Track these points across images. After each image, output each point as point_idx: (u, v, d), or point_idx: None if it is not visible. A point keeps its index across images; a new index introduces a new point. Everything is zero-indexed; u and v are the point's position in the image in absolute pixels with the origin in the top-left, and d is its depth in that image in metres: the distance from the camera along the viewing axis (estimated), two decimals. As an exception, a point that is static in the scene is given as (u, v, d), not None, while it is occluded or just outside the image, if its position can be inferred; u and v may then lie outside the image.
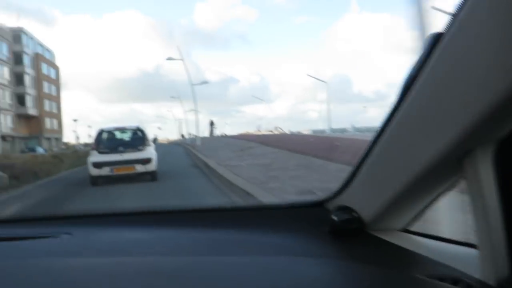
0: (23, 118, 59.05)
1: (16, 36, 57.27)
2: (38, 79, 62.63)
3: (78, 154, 26.23)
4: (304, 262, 0.98)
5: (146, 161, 11.30)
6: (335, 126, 49.35)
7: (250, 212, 1.52)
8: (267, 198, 6.66)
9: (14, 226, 1.45)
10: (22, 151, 42.50)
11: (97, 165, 11.11)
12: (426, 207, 1.02)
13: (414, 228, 1.10)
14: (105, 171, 11.10)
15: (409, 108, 0.82)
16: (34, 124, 61.42)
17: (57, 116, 71.44)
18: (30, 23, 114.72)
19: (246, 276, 0.91)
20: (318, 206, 1.27)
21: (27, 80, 59.02)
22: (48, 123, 66.50)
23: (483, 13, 0.61)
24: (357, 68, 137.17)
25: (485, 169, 0.73)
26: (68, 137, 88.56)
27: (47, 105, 66.35)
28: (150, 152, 11.61)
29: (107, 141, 11.99)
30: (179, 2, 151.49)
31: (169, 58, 28.96)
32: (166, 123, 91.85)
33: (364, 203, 1.09)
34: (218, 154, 17.02)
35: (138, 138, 11.96)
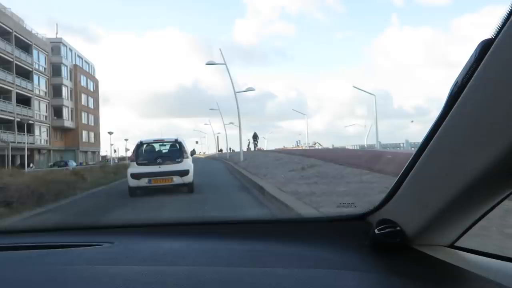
0: (59, 130, 57.83)
1: (55, 47, 56.40)
2: (76, 91, 61.53)
3: (105, 169, 22.95)
4: (345, 275, 0.97)
5: (184, 173, 11.22)
6: (375, 141, 46.24)
7: (291, 224, 1.54)
8: None
9: (59, 234, 1.52)
10: (53, 165, 40.32)
11: (136, 176, 11.13)
12: (475, 222, 0.97)
13: (461, 244, 1.06)
14: (143, 182, 11.10)
15: (457, 118, 0.78)
16: (70, 137, 60.15)
17: (95, 129, 70.17)
18: (75, 41, 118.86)
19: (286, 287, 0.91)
20: (359, 219, 1.27)
21: (65, 92, 57.91)
22: (85, 136, 65.22)
23: None
24: (397, 83, 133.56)
25: None
26: (108, 151, 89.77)
27: (85, 117, 65.14)
28: (187, 164, 11.53)
29: (146, 153, 11.95)
30: (219, 19, 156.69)
31: (209, 63, 26.37)
32: (204, 137, 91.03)
33: (408, 217, 1.06)
34: (271, 173, 13.23)
35: (176, 151, 11.88)
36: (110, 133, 54.38)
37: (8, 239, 1.47)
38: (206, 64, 25.94)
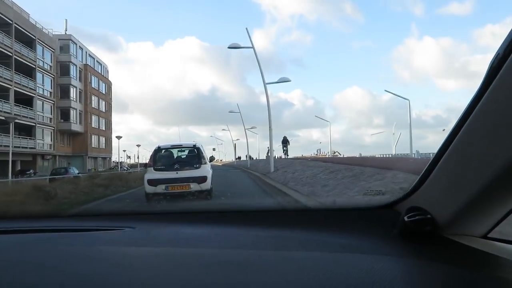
0: (66, 134, 53.40)
1: (64, 45, 52.21)
2: (86, 93, 57.15)
3: (95, 180, 17.71)
4: (371, 259, 0.96)
5: (201, 179, 10.80)
6: (397, 151, 43.19)
7: (317, 213, 1.50)
8: None
9: (84, 219, 1.62)
10: (53, 173, 35.49)
11: (153, 182, 10.74)
12: (508, 213, 0.94)
13: (495, 235, 1.02)
14: (160, 188, 10.65)
15: (490, 101, 0.75)
16: (79, 141, 55.61)
17: (106, 134, 65.48)
18: (96, 49, 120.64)
19: (312, 270, 0.91)
20: (387, 207, 1.25)
21: (73, 93, 53.52)
22: (95, 141, 60.64)
23: None
24: (416, 93, 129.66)
25: None
26: (122, 157, 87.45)
27: (95, 121, 60.63)
28: (205, 170, 11.11)
29: (163, 158, 11.52)
30: (237, 28, 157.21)
31: (232, 46, 21.76)
32: (221, 144, 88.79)
33: (439, 204, 1.02)
34: (342, 194, 7.77)
35: (194, 156, 11.47)
36: (119, 137, 49.48)
37: (32, 223, 1.51)
38: (229, 47, 21.96)
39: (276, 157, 66.88)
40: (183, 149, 12.36)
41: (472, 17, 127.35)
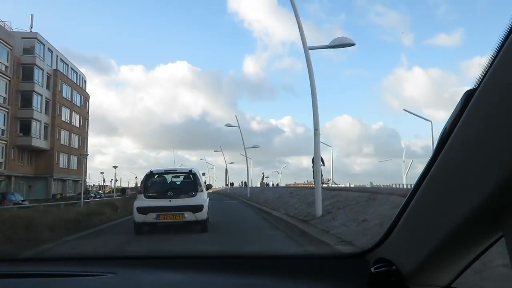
0: (27, 151, 44.15)
1: (30, 46, 43.66)
2: (54, 103, 47.97)
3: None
4: None
5: (197, 208, 10.06)
6: (383, 181, 44.56)
7: (288, 260, 1.54)
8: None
9: (64, 263, 1.56)
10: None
11: (143, 210, 9.93)
12: (471, 262, 0.97)
13: (458, 285, 1.04)
14: (151, 217, 9.89)
15: (446, 160, 0.83)
16: (42, 160, 45.94)
17: (80, 153, 55.30)
18: (86, 71, 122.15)
19: None
20: (357, 257, 1.29)
21: (37, 102, 44.45)
22: (64, 160, 50.89)
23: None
24: (406, 123, 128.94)
25: None
26: (104, 181, 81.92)
27: (64, 137, 51.03)
28: (201, 198, 10.37)
29: (155, 184, 10.67)
30: (228, 54, 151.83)
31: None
32: (212, 168, 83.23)
33: (404, 255, 1.07)
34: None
35: (190, 183, 10.66)
36: (84, 155, 40.41)
37: (9, 267, 1.50)
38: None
39: (272, 185, 61.15)
40: (177, 174, 11.47)
41: (460, 49, 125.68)
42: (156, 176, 10.93)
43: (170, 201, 10.04)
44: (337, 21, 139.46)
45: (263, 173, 67.94)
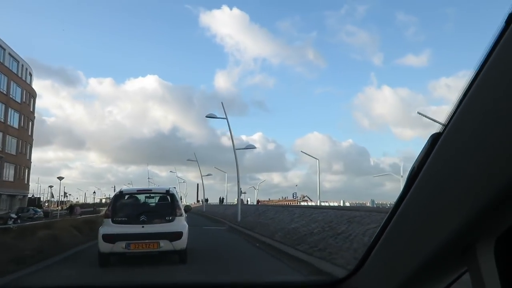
0: None
1: None
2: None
3: None
4: None
5: (175, 236, 8.49)
6: (354, 199, 44.15)
7: None
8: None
9: None
10: None
11: (109, 238, 8.32)
12: None
13: None
14: (119, 247, 8.30)
15: (414, 199, 0.88)
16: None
17: (19, 161, 46.71)
18: (52, 83, 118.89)
19: None
20: (333, 286, 1.32)
21: None
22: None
23: (477, 114, 0.66)
24: (375, 140, 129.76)
25: (487, 263, 0.75)
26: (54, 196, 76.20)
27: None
28: (180, 224, 8.79)
29: (126, 207, 9.03)
30: (200, 68, 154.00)
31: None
32: (183, 182, 77.47)
33: (376, 286, 1.09)
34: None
35: (167, 205, 9.12)
36: (60, 178, 34.53)
37: None
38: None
39: (249, 202, 56.39)
40: (152, 195, 9.97)
41: (427, 70, 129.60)
42: (126, 197, 9.38)
43: (143, 227, 8.55)
44: (308, 38, 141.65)
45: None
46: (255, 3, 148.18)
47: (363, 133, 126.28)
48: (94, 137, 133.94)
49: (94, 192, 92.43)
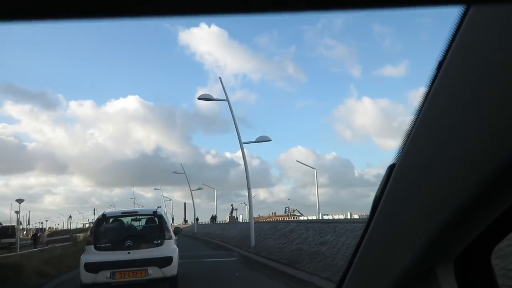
0: None
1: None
2: None
3: None
4: None
5: (165, 261, 7.75)
6: (340, 211, 42.01)
7: None
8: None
9: None
10: None
11: (92, 267, 7.53)
12: None
13: None
14: (103, 276, 7.51)
15: (378, 224, 0.92)
16: None
17: None
18: (32, 107, 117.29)
19: None
20: None
21: None
22: None
23: (424, 144, 0.70)
24: (358, 152, 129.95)
25: (447, 283, 0.78)
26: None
27: None
28: (170, 248, 8.01)
29: (110, 232, 8.31)
30: (180, 87, 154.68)
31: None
32: (169, 200, 72.67)
33: None
34: None
35: (155, 228, 8.35)
36: (20, 200, 31.36)
37: None
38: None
39: (241, 220, 54.19)
40: (138, 217, 9.11)
41: (406, 80, 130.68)
42: (110, 220, 8.62)
43: (129, 253, 7.81)
44: (287, 53, 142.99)
45: (232, 205, 61.98)
46: (233, 19, 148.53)
47: (346, 145, 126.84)
48: (76, 160, 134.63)
49: (70, 217, 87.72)
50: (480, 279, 0.80)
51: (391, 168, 0.83)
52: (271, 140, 18.22)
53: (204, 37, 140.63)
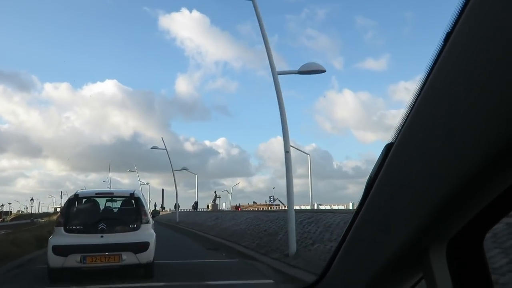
0: None
1: None
2: None
3: None
4: None
5: (140, 247, 7.28)
6: (319, 202, 41.02)
7: None
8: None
9: None
10: None
11: (61, 250, 7.05)
12: None
13: None
14: (73, 260, 7.04)
15: (372, 206, 0.92)
16: None
17: None
18: (5, 88, 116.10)
19: None
20: None
21: None
22: None
23: (423, 125, 0.69)
24: (337, 144, 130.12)
25: (439, 266, 0.78)
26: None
27: None
28: (146, 233, 7.56)
29: (82, 213, 7.81)
30: (160, 72, 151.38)
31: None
32: (147, 184, 68.39)
33: None
34: None
35: (131, 211, 7.87)
36: None
37: None
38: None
39: (224, 208, 52.17)
40: (114, 198, 8.60)
41: (386, 74, 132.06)
42: (83, 201, 8.07)
43: (102, 236, 7.34)
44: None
45: (215, 192, 59.49)
46: (216, 6, 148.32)
47: (326, 137, 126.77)
48: (51, 144, 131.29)
49: (32, 199, 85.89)
50: (472, 264, 0.79)
51: (388, 147, 0.82)
52: (325, 71, 11.93)
53: (185, 22, 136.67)
